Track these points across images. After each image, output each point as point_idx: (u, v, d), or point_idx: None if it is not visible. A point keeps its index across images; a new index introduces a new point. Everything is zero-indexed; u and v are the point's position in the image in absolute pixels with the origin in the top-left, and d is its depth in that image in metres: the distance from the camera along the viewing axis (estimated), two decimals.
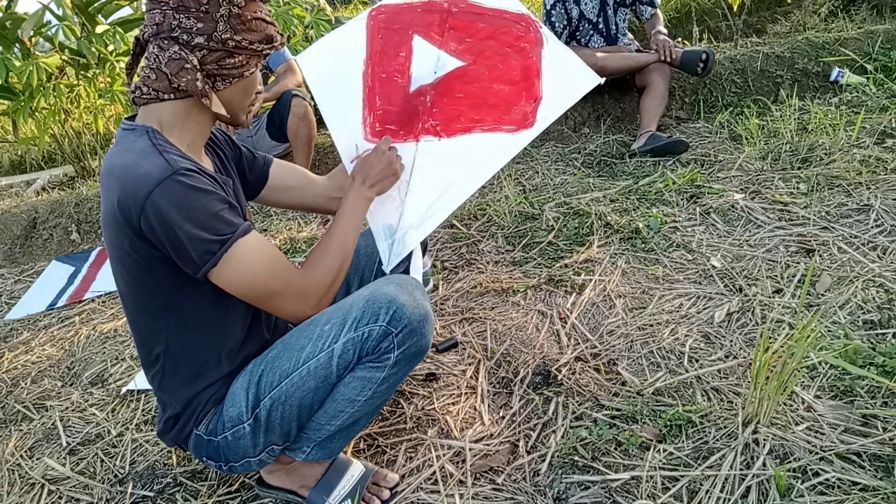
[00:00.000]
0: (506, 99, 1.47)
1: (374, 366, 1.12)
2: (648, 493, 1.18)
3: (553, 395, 1.48)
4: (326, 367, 1.10)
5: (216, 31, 1.03)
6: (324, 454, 1.23)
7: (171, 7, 1.02)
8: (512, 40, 1.52)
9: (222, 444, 1.16)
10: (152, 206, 0.97)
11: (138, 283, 1.08)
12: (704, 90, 3.35)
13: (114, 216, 1.02)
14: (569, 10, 3.07)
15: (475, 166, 1.41)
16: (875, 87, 3.09)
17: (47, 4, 3.30)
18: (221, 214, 1.03)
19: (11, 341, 2.23)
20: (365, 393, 1.14)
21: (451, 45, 1.52)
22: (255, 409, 1.13)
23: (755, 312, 1.66)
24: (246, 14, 1.06)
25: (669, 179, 2.49)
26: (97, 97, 3.50)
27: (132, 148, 1.04)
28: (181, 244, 1.00)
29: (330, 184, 1.46)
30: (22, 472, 1.53)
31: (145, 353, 1.16)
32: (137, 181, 0.99)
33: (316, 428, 1.19)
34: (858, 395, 1.34)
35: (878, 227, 1.95)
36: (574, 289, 1.90)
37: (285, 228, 2.72)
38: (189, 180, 1.00)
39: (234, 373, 1.18)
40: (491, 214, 2.43)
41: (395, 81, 1.51)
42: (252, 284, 1.07)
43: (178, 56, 1.03)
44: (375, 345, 1.10)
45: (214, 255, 1.02)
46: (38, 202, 3.35)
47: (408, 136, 1.46)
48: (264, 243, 1.09)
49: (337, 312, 1.12)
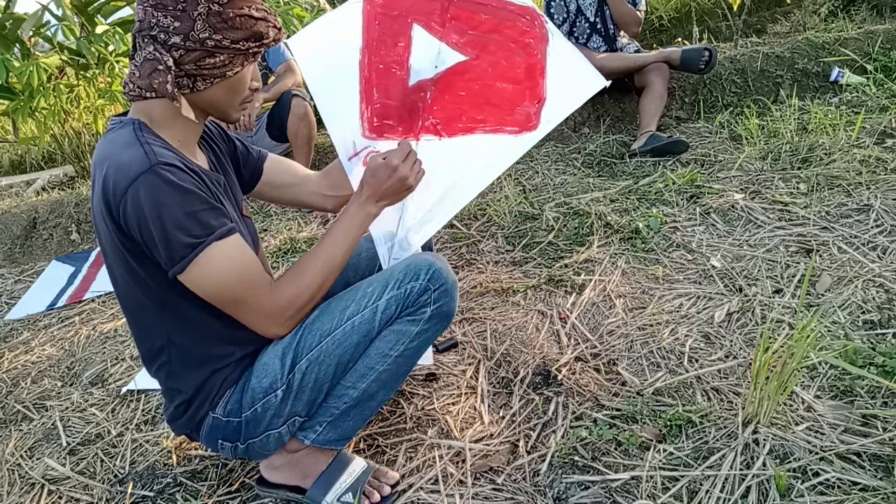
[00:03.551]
0: (509, 98, 1.43)
1: (411, 319, 1.18)
2: (648, 493, 1.18)
3: (553, 395, 1.48)
4: (370, 321, 1.16)
5: (193, 31, 1.00)
6: (335, 435, 1.24)
7: (150, 4, 1.00)
8: (516, 35, 1.47)
9: (245, 421, 1.16)
10: (130, 200, 0.97)
11: (132, 276, 1.07)
12: (704, 90, 3.35)
13: (101, 209, 1.02)
14: (567, 4, 3.07)
15: (477, 169, 1.38)
16: (875, 87, 3.09)
17: (47, 5, 3.30)
18: (197, 215, 0.99)
19: (11, 341, 2.23)
20: (397, 348, 1.18)
21: (452, 38, 1.47)
22: (290, 374, 1.15)
23: (755, 312, 1.66)
24: (228, 12, 1.01)
25: (669, 179, 2.49)
26: (97, 97, 3.50)
27: (116, 139, 1.04)
28: (153, 241, 0.99)
29: (325, 181, 1.43)
30: (22, 472, 1.53)
31: (146, 347, 1.16)
32: (118, 174, 0.98)
33: (339, 394, 1.20)
34: (858, 395, 1.34)
35: (877, 227, 1.95)
36: (574, 289, 1.90)
37: (285, 228, 2.72)
38: (168, 174, 0.98)
39: (247, 357, 1.19)
40: (491, 214, 2.43)
41: (393, 73, 1.45)
42: (218, 291, 1.04)
43: (152, 56, 1.00)
44: (415, 299, 1.17)
45: (184, 259, 0.99)
46: (38, 202, 3.35)
47: (407, 133, 1.43)
48: (240, 251, 1.05)
49: (378, 277, 1.20)
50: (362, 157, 1.43)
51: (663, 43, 4.53)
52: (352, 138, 1.43)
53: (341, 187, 1.43)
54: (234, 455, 1.23)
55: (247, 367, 1.19)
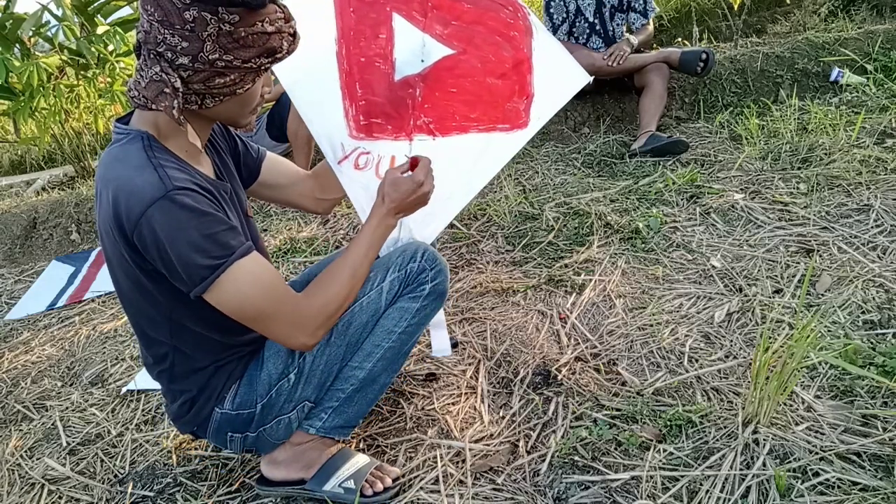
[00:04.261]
0: (499, 94, 1.40)
1: (412, 296, 1.25)
2: (648, 494, 1.18)
3: (553, 395, 1.48)
4: (377, 301, 1.23)
5: (202, 52, 0.95)
6: (340, 421, 1.27)
7: (156, 20, 0.93)
8: (501, 27, 1.42)
9: (259, 409, 1.19)
10: (146, 226, 0.96)
11: (139, 288, 1.08)
12: (704, 90, 3.35)
13: (110, 226, 1.01)
14: (567, 4, 3.07)
15: (473, 169, 1.36)
16: (875, 87, 3.09)
17: (46, 5, 3.30)
18: (216, 237, 0.99)
19: (11, 341, 2.23)
20: (401, 324, 1.24)
21: (435, 28, 1.40)
22: (301, 357, 1.20)
23: (755, 312, 1.66)
24: (240, 31, 0.95)
25: (669, 179, 2.49)
26: (97, 97, 3.50)
27: (127, 158, 1.01)
28: (172, 265, 0.98)
29: (315, 184, 1.43)
30: (22, 472, 1.53)
31: (151, 353, 1.17)
32: (131, 199, 0.96)
33: (346, 376, 1.24)
34: (858, 395, 1.34)
35: (877, 227, 1.95)
36: (574, 289, 1.90)
37: (285, 228, 2.72)
38: (184, 199, 0.96)
39: (249, 354, 1.21)
40: (491, 214, 2.42)
41: (376, 68, 1.38)
42: (242, 308, 1.04)
43: (159, 78, 0.96)
44: (415, 277, 1.24)
45: (206, 280, 0.99)
46: (38, 202, 3.35)
47: (398, 132, 1.38)
48: (262, 267, 1.05)
49: (377, 264, 1.26)
50: (353, 160, 1.38)
51: (663, 43, 4.53)
52: (339, 140, 1.37)
53: (332, 190, 1.43)
54: (242, 447, 1.25)
55: (249, 362, 1.21)
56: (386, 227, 1.22)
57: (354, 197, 1.38)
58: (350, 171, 1.38)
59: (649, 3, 3.06)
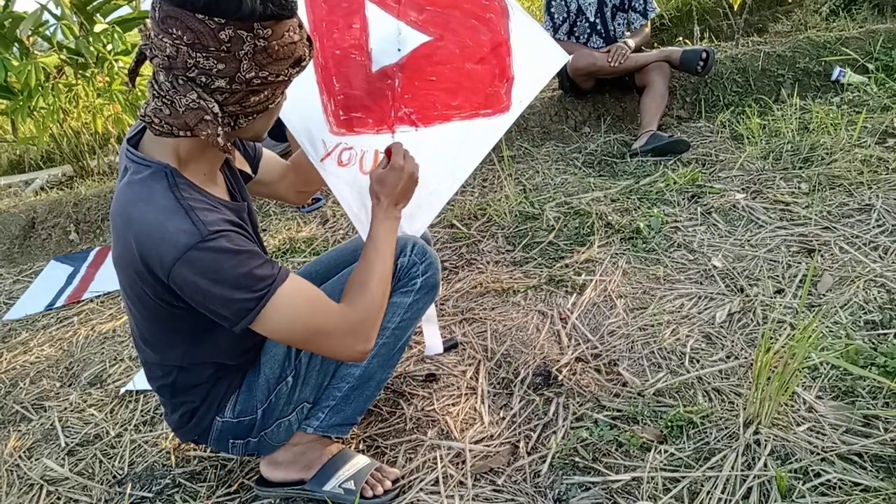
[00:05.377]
0: (479, 80, 1.37)
1: (404, 291, 1.24)
2: (649, 495, 1.18)
3: (553, 395, 1.48)
4: None
5: (240, 72, 0.91)
6: (338, 419, 1.27)
7: (185, 43, 0.88)
8: (477, 10, 1.38)
9: (259, 414, 1.20)
10: (180, 273, 0.93)
11: (156, 319, 1.07)
12: (705, 90, 3.34)
13: (134, 266, 0.98)
14: (568, 3, 3.07)
15: (458, 157, 1.34)
16: (876, 87, 3.08)
17: (45, 4, 3.29)
18: (254, 272, 0.97)
19: (10, 342, 2.23)
20: (394, 320, 1.24)
21: (410, 15, 1.36)
22: (297, 359, 1.21)
23: (756, 313, 1.65)
24: (273, 45, 0.92)
25: (670, 179, 2.49)
26: (96, 96, 3.49)
27: (152, 199, 0.96)
28: (214, 305, 0.97)
29: (298, 178, 1.41)
30: (20, 472, 1.52)
31: (159, 369, 1.16)
32: (163, 245, 0.93)
33: (342, 375, 1.25)
34: (860, 396, 1.34)
35: (879, 227, 1.94)
36: (575, 289, 1.89)
37: (284, 228, 2.72)
38: (220, 243, 0.94)
39: (247, 363, 1.21)
40: (491, 214, 2.42)
41: (352, 59, 1.34)
42: (292, 330, 1.03)
43: (196, 105, 0.91)
44: (406, 272, 1.24)
45: (251, 312, 0.98)
46: (36, 202, 3.35)
47: (380, 125, 1.35)
48: (303, 287, 1.04)
49: None
50: (336, 157, 1.35)
51: (664, 42, 4.53)
52: (320, 137, 1.34)
53: (313, 183, 1.42)
54: (243, 452, 1.26)
55: (247, 371, 1.22)
56: (393, 220, 1.21)
57: (339, 193, 1.35)
58: (334, 168, 1.35)
59: (650, 4, 3.05)
